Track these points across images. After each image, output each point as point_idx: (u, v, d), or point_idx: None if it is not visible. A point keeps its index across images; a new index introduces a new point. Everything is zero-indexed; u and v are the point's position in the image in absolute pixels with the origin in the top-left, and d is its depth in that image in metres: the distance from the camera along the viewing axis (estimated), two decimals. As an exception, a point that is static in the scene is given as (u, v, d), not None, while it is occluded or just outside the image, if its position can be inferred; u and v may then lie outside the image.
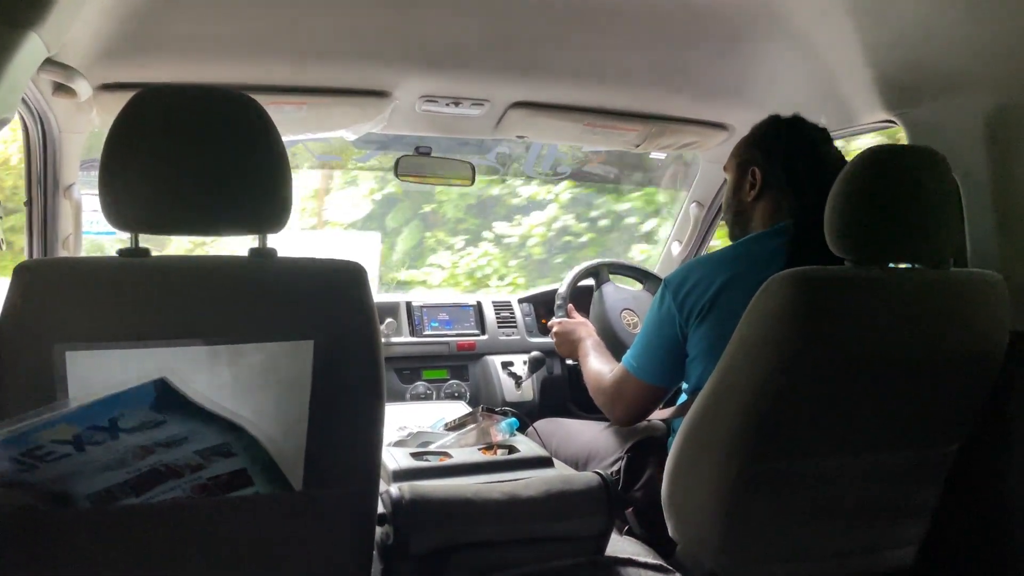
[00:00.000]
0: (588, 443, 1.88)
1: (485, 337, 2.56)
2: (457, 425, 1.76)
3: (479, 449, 1.64)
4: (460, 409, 1.94)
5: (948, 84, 1.56)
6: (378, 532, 1.25)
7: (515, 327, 2.61)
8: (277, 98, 1.85)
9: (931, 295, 1.31)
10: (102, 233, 2.18)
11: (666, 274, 1.69)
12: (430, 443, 1.68)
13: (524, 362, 2.44)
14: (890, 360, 1.29)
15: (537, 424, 2.07)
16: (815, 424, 1.30)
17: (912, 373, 1.32)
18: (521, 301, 2.69)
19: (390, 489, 1.27)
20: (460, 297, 2.69)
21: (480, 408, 1.80)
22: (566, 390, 2.52)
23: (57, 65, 1.49)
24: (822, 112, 1.75)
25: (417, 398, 2.41)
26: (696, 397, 1.40)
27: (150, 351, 0.98)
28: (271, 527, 1.12)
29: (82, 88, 1.59)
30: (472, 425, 1.73)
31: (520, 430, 1.78)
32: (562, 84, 2.01)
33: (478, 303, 2.63)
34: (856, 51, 1.63)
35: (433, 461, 1.55)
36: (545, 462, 1.60)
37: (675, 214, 2.85)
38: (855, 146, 2.13)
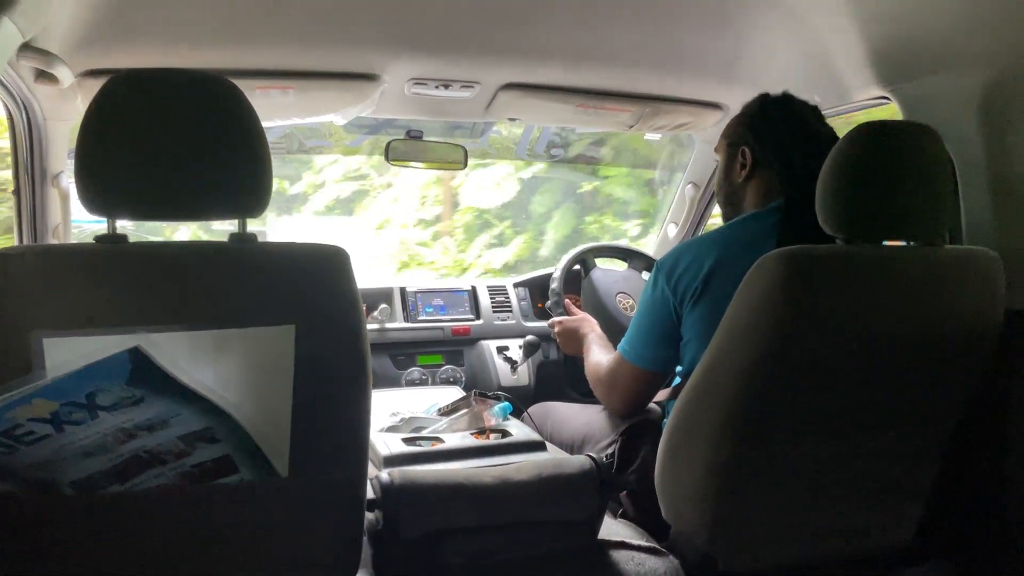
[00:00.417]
0: (583, 426, 1.87)
1: (480, 322, 2.55)
2: (450, 410, 1.75)
3: (471, 434, 1.63)
4: (455, 394, 1.93)
5: (942, 59, 1.54)
6: (368, 517, 1.25)
7: (510, 311, 2.60)
8: (264, 83, 1.84)
9: (925, 273, 1.30)
10: (93, 221, 2.17)
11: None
12: (423, 428, 1.67)
13: (519, 347, 2.44)
14: (883, 339, 1.27)
15: (532, 408, 2.06)
16: (807, 404, 1.29)
17: (906, 352, 1.30)
18: (516, 285, 2.68)
19: (380, 474, 1.26)
20: (455, 282, 2.68)
21: (473, 393, 1.79)
22: (562, 374, 2.51)
23: (36, 51, 1.47)
24: (816, 89, 1.74)
25: (412, 383, 2.40)
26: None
27: (129, 337, 0.96)
28: (258, 514, 1.12)
29: (64, 75, 1.57)
30: (465, 410, 1.72)
31: (515, 415, 1.77)
32: (553, 65, 1.99)
33: (472, 288, 2.62)
34: (849, 26, 1.61)
35: (425, 446, 1.55)
36: (538, 446, 1.60)
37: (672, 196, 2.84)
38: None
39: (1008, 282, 1.35)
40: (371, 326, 2.41)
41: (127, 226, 2.29)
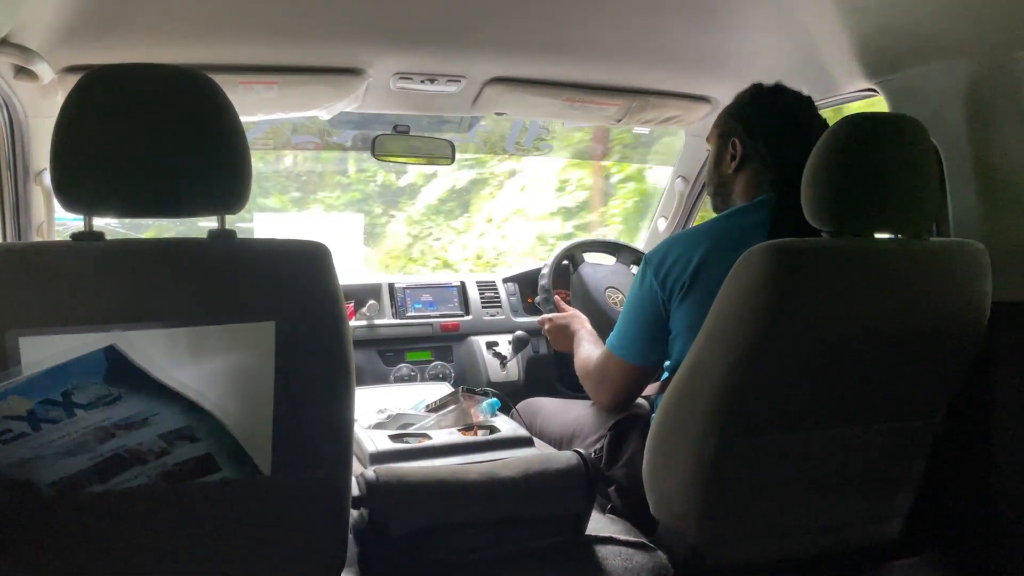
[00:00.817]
0: (572, 422, 1.86)
1: (469, 318, 2.54)
2: (438, 406, 1.74)
3: (459, 430, 1.62)
4: (444, 390, 1.92)
5: (928, 50, 1.54)
6: (353, 515, 1.24)
7: (499, 307, 2.59)
8: (247, 78, 1.82)
9: (911, 266, 1.29)
10: (77, 219, 2.14)
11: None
12: (410, 425, 1.66)
13: (509, 342, 2.43)
14: (870, 332, 1.27)
15: (520, 404, 2.06)
16: (794, 397, 1.29)
17: (893, 344, 1.30)
18: (506, 280, 2.67)
19: (365, 471, 1.25)
20: (443, 277, 2.67)
21: (461, 389, 1.78)
22: (552, 370, 2.50)
23: (14, 47, 1.45)
24: (803, 82, 1.72)
25: (401, 380, 2.39)
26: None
27: (107, 335, 0.95)
28: (242, 512, 1.11)
29: (43, 71, 1.55)
30: (453, 406, 1.72)
31: (503, 410, 1.77)
32: (540, 59, 1.98)
33: (462, 283, 2.61)
34: (835, 18, 1.61)
35: (412, 443, 1.54)
36: (525, 442, 1.59)
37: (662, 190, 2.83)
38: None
39: (995, 274, 1.35)
40: (359, 322, 2.40)
41: (111, 224, 2.28)
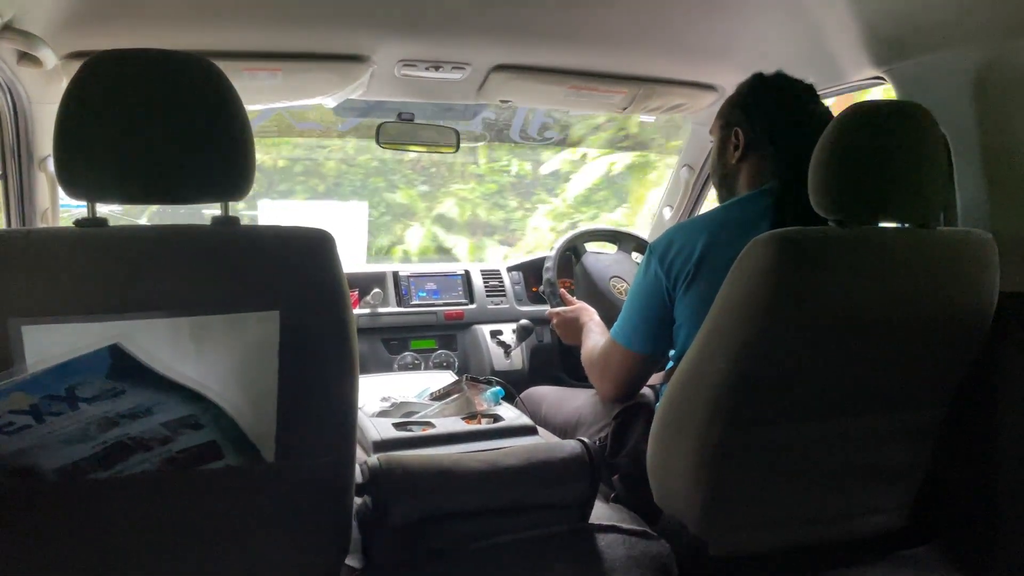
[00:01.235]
0: (576, 410, 1.86)
1: (473, 306, 2.53)
2: (442, 395, 1.75)
3: (463, 418, 1.62)
4: (448, 379, 1.93)
5: (936, 38, 1.52)
6: (357, 502, 1.24)
7: (504, 296, 2.59)
8: (251, 64, 1.81)
9: (918, 255, 1.28)
10: (81, 206, 2.14)
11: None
12: (414, 413, 1.66)
13: (513, 331, 2.43)
14: (875, 322, 1.26)
15: (525, 393, 2.06)
16: (798, 387, 1.28)
17: (898, 335, 1.29)
18: (510, 269, 2.67)
19: (369, 459, 1.25)
20: (448, 266, 2.67)
21: (465, 377, 1.78)
22: (556, 358, 2.51)
23: (17, 32, 1.44)
24: (810, 70, 1.71)
25: (405, 368, 2.40)
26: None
27: (110, 324, 0.95)
28: (245, 499, 1.11)
29: (47, 56, 1.55)
30: (457, 394, 1.72)
31: (507, 399, 1.77)
32: (545, 46, 1.97)
33: (466, 272, 2.61)
34: (843, 5, 1.59)
35: (415, 431, 1.54)
36: (529, 430, 1.59)
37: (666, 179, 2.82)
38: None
39: (1002, 264, 1.34)
40: (364, 310, 2.40)
41: (115, 210, 2.28)
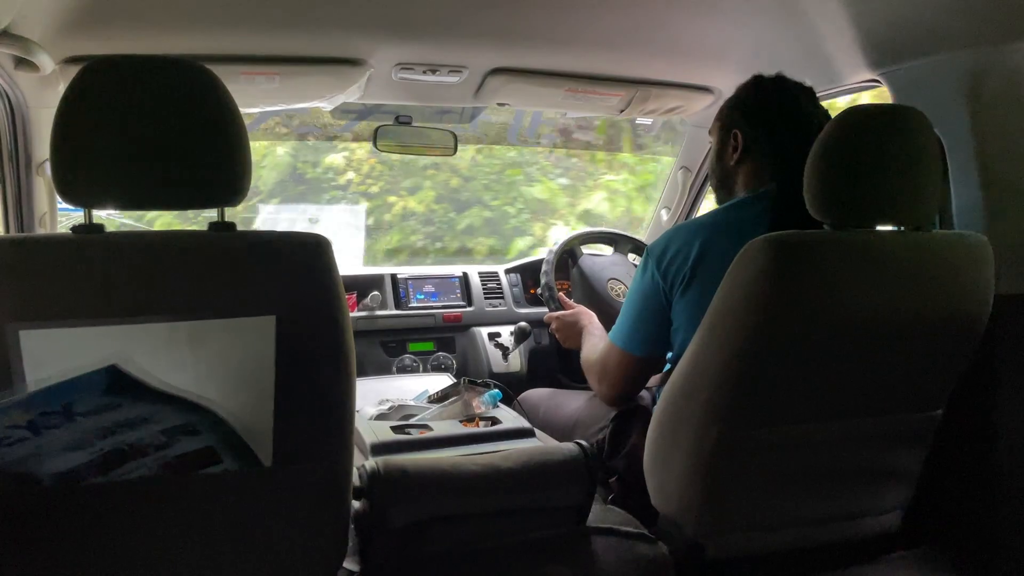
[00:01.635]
0: (574, 413, 1.87)
1: (471, 308, 2.54)
2: (439, 397, 1.75)
3: (460, 421, 1.62)
4: (446, 381, 1.93)
5: (931, 41, 1.53)
6: (355, 506, 1.24)
7: (502, 298, 2.59)
8: (248, 68, 1.82)
9: (914, 258, 1.29)
10: (79, 210, 2.14)
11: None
12: (412, 416, 1.67)
13: (511, 333, 2.43)
14: (872, 325, 1.27)
15: (523, 395, 2.06)
16: (795, 390, 1.29)
17: (895, 337, 1.30)
18: (508, 271, 2.67)
19: (366, 463, 1.26)
20: (446, 268, 2.67)
21: (463, 380, 1.78)
22: (554, 361, 2.51)
23: (14, 38, 1.44)
24: (806, 73, 1.72)
25: (403, 371, 2.40)
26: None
27: (107, 329, 0.95)
28: (243, 504, 1.11)
29: (44, 62, 1.55)
30: (455, 397, 1.72)
31: (506, 402, 1.77)
32: (542, 49, 1.97)
33: (464, 274, 2.61)
34: (839, 8, 1.60)
35: (413, 434, 1.54)
36: (526, 433, 1.59)
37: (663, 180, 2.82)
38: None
39: (998, 267, 1.34)
40: (361, 313, 2.41)
41: (112, 215, 2.28)
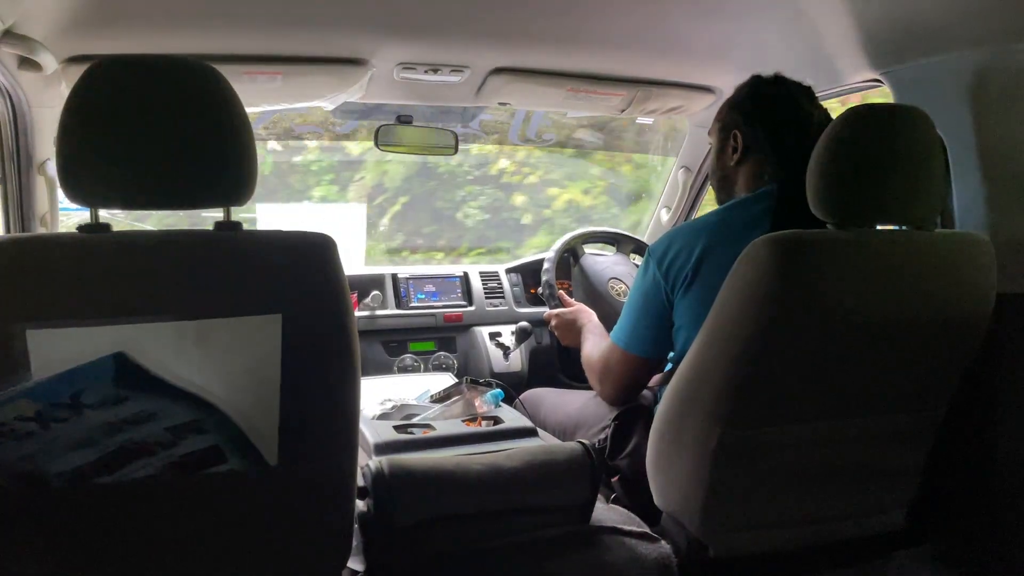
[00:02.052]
0: (576, 412, 1.87)
1: (472, 308, 2.54)
2: (442, 397, 1.75)
3: (463, 421, 1.63)
4: (448, 381, 1.93)
5: (934, 41, 1.53)
6: (359, 505, 1.24)
7: (503, 297, 2.59)
8: (251, 68, 1.82)
9: (916, 257, 1.29)
10: (81, 209, 2.14)
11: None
12: (414, 415, 1.67)
13: (512, 333, 2.43)
14: (874, 324, 1.27)
15: (524, 395, 2.06)
16: (798, 389, 1.29)
17: (897, 336, 1.30)
18: (509, 271, 2.67)
19: (370, 462, 1.26)
20: (447, 268, 2.67)
21: (465, 380, 1.78)
22: (555, 360, 2.51)
23: (17, 37, 1.44)
24: (808, 72, 1.72)
25: (404, 370, 2.40)
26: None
27: (115, 328, 0.96)
28: (248, 503, 1.11)
29: (47, 61, 1.55)
30: (457, 397, 1.72)
31: (507, 401, 1.77)
32: (543, 49, 1.98)
33: (465, 274, 2.61)
34: (841, 8, 1.60)
35: (416, 434, 1.54)
36: (529, 432, 1.59)
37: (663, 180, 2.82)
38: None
39: (999, 266, 1.35)
40: (363, 313, 2.41)
41: (117, 214, 2.28)
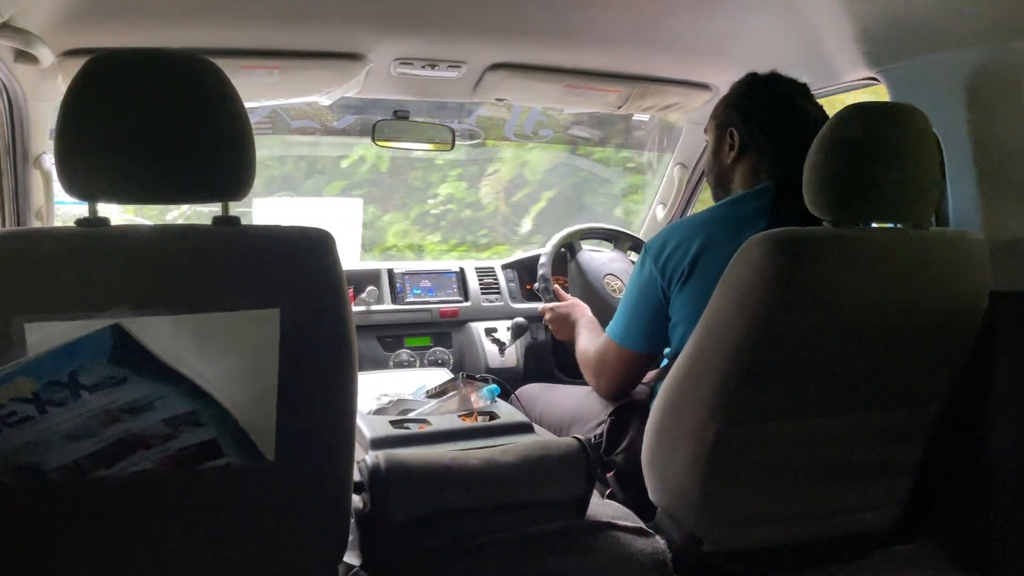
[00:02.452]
0: (572, 407, 1.87)
1: (468, 304, 2.54)
2: (438, 392, 1.75)
3: (459, 416, 1.63)
4: (443, 376, 1.93)
5: (930, 39, 1.54)
6: (355, 500, 1.25)
7: (499, 293, 2.59)
8: (248, 62, 1.81)
9: (911, 255, 1.30)
10: (76, 203, 2.14)
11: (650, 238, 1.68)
12: (410, 411, 1.67)
13: (508, 328, 2.43)
14: (869, 321, 1.28)
15: (520, 390, 2.07)
16: (794, 386, 1.30)
17: (892, 333, 1.31)
18: (505, 267, 2.67)
19: (366, 457, 1.26)
20: (442, 264, 2.67)
21: (461, 375, 1.79)
22: (550, 356, 2.51)
23: (14, 31, 1.44)
24: (805, 70, 1.73)
25: (400, 366, 2.40)
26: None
27: (112, 323, 0.95)
28: (245, 497, 1.11)
29: (44, 55, 1.55)
30: (453, 392, 1.73)
31: (503, 397, 1.77)
32: (540, 45, 1.98)
33: (461, 269, 2.61)
34: (838, 6, 1.60)
35: (412, 429, 1.55)
36: (525, 428, 1.60)
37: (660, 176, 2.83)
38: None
39: (994, 264, 1.36)
40: (358, 308, 2.41)
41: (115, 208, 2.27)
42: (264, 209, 2.77)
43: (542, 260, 2.30)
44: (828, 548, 1.49)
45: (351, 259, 2.79)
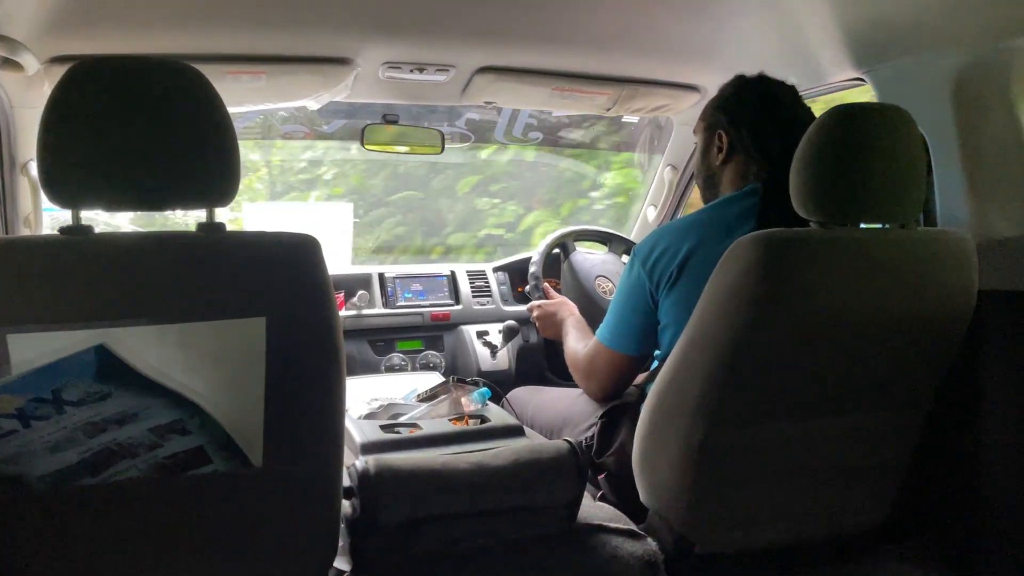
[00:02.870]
0: (563, 410, 1.87)
1: (459, 307, 2.54)
2: (429, 396, 1.75)
3: (450, 420, 1.63)
4: (435, 380, 1.93)
5: (916, 41, 1.54)
6: (345, 506, 1.24)
7: (490, 296, 2.59)
8: (235, 67, 1.81)
9: (899, 256, 1.30)
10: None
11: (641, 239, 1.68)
12: (401, 415, 1.66)
13: (499, 331, 2.43)
14: (857, 322, 1.28)
15: (511, 393, 2.06)
16: (782, 387, 1.30)
17: (880, 334, 1.31)
18: (496, 270, 2.67)
19: (356, 462, 1.26)
20: (434, 267, 2.67)
21: (452, 379, 1.78)
22: (542, 359, 2.51)
23: None
24: (792, 71, 1.73)
25: (392, 369, 2.39)
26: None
27: (96, 332, 0.95)
28: (233, 504, 1.11)
29: (29, 62, 1.54)
30: (444, 396, 1.72)
31: (494, 400, 1.77)
32: (529, 48, 1.98)
33: (452, 272, 2.61)
34: (824, 7, 1.61)
35: (403, 433, 1.54)
36: (516, 431, 1.60)
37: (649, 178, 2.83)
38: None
39: (981, 263, 1.36)
40: (349, 312, 2.40)
41: (101, 215, 2.26)
42: (255, 215, 2.77)
43: (534, 258, 2.31)
44: (819, 549, 1.49)
45: (342, 263, 2.78)
